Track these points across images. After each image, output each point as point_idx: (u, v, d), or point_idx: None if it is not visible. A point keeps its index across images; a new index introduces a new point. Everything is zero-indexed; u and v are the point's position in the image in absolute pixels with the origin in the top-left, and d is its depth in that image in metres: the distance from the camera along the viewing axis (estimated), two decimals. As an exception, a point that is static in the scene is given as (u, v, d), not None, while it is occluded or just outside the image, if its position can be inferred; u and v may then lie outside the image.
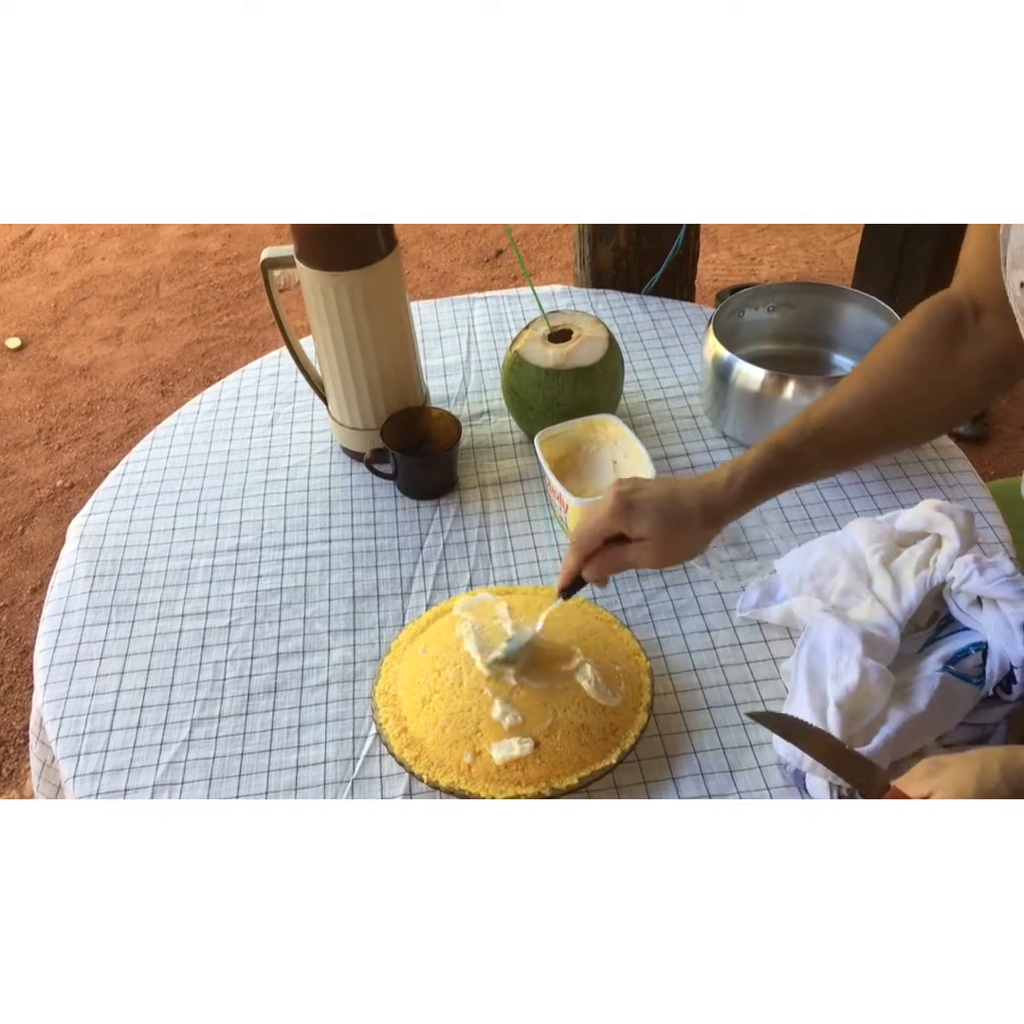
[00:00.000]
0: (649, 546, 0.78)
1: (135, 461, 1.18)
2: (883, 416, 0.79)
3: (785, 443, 0.78)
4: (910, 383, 0.79)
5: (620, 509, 0.77)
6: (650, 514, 0.77)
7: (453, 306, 1.41)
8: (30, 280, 3.08)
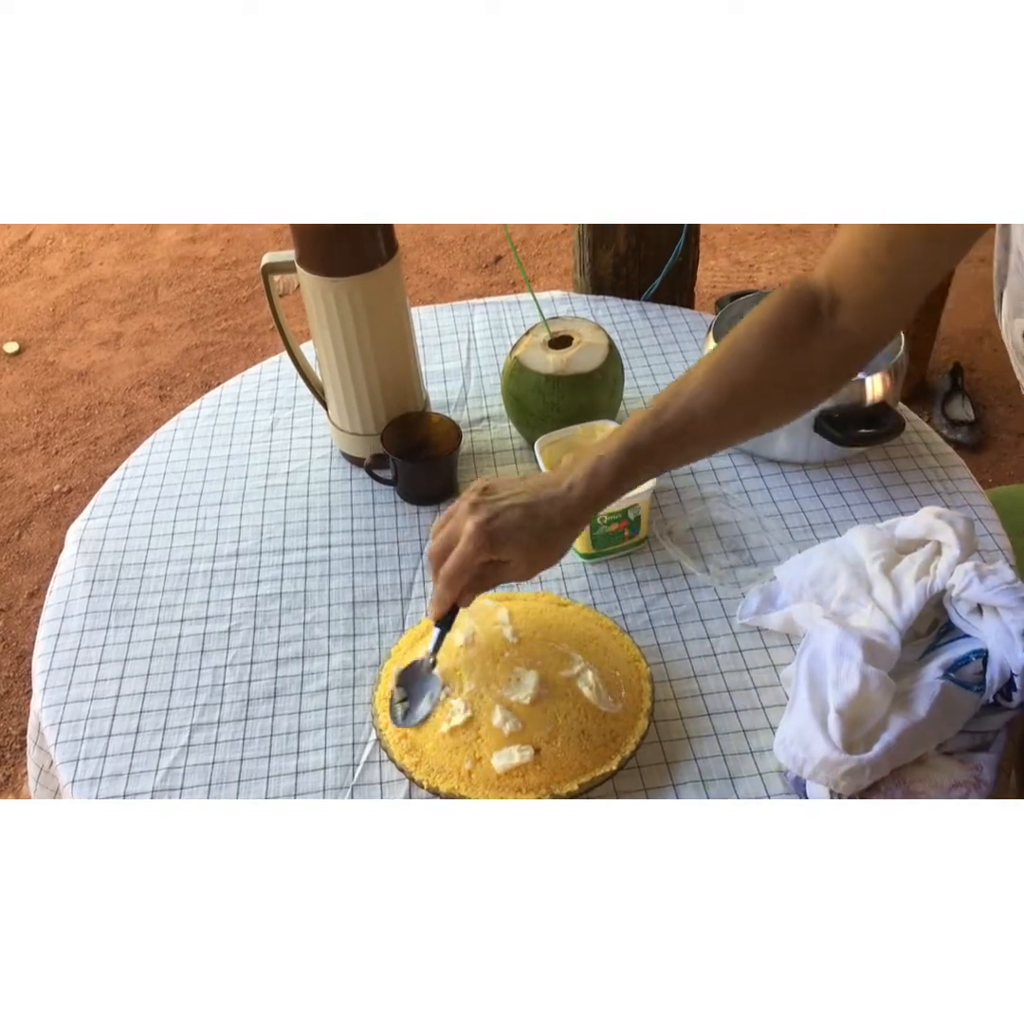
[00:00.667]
0: (518, 565, 0.78)
1: (134, 466, 1.17)
2: (734, 412, 0.79)
3: (641, 444, 0.77)
4: (762, 379, 0.79)
5: (484, 544, 0.75)
6: (515, 539, 0.76)
7: (453, 312, 1.41)
8: (28, 284, 3.08)
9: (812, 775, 0.75)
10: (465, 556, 0.76)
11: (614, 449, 0.77)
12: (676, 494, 1.08)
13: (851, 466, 1.09)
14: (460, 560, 0.76)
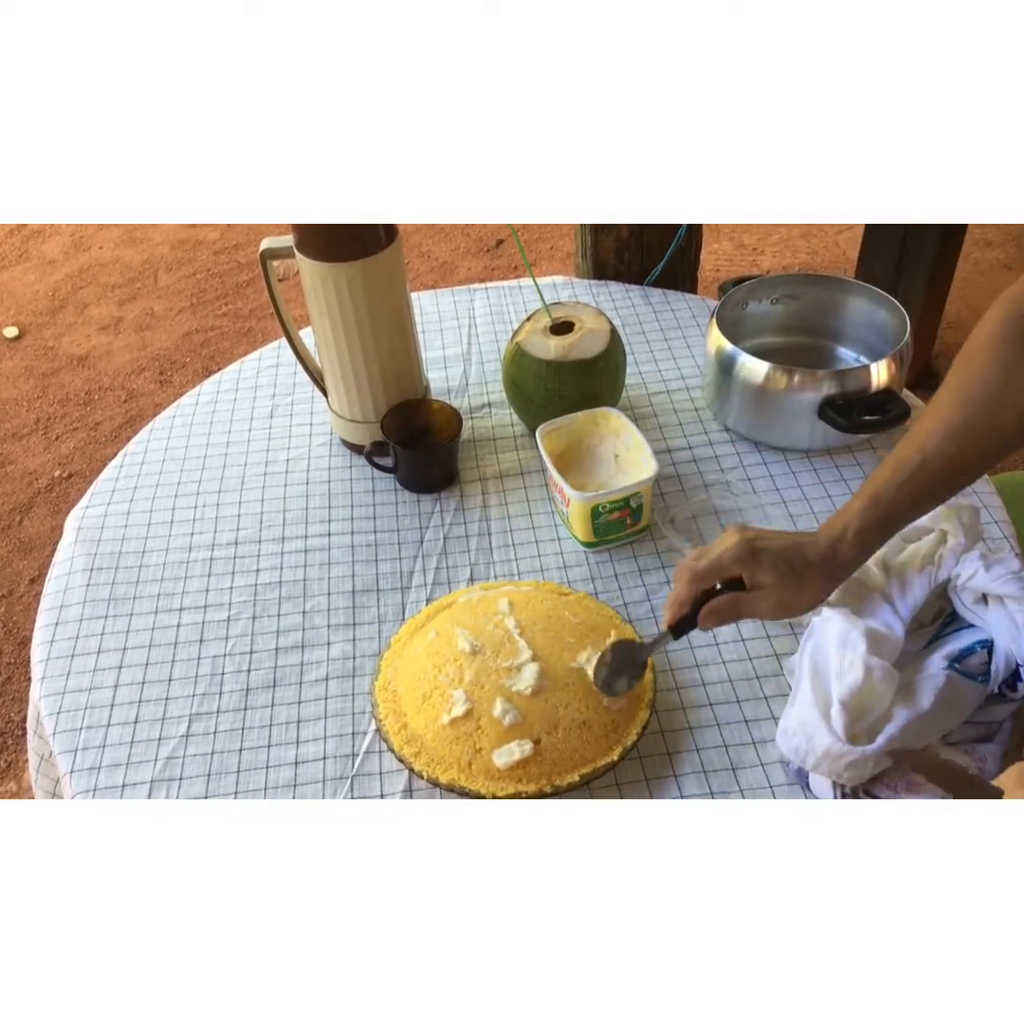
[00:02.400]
0: (769, 595, 0.76)
1: (133, 453, 1.17)
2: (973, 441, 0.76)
3: (883, 496, 0.76)
4: (991, 406, 0.75)
5: (745, 555, 0.75)
6: (775, 563, 0.75)
7: (454, 297, 1.40)
8: (28, 269, 3.06)
9: (815, 766, 0.75)
10: (721, 560, 0.75)
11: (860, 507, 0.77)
12: (678, 481, 1.07)
13: (855, 453, 1.08)
14: (712, 562, 0.76)
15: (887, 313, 1.11)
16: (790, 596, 0.77)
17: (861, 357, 1.17)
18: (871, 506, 0.76)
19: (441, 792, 0.79)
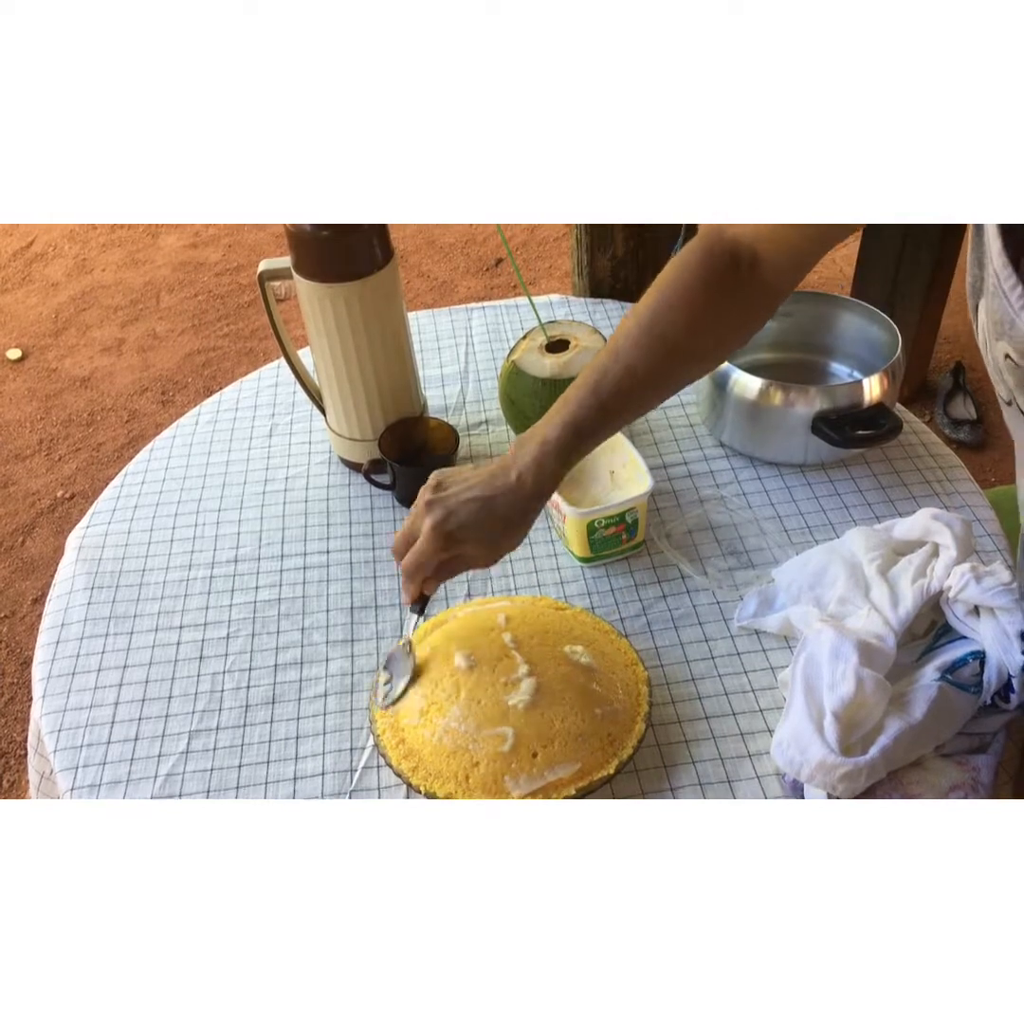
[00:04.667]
0: (477, 556, 0.81)
1: (133, 473, 1.18)
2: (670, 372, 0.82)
3: (584, 423, 0.79)
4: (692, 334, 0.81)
5: (440, 544, 0.78)
6: (471, 536, 0.79)
7: (451, 316, 1.41)
8: (31, 291, 3.09)
9: (809, 778, 0.75)
10: (423, 554, 0.79)
11: (559, 433, 0.78)
12: (674, 497, 1.08)
13: (849, 467, 1.09)
14: (417, 558, 0.79)
15: (879, 329, 1.12)
16: (495, 550, 0.82)
17: (854, 372, 1.18)
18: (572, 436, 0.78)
19: (438, 807, 0.80)
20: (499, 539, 0.81)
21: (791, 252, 0.80)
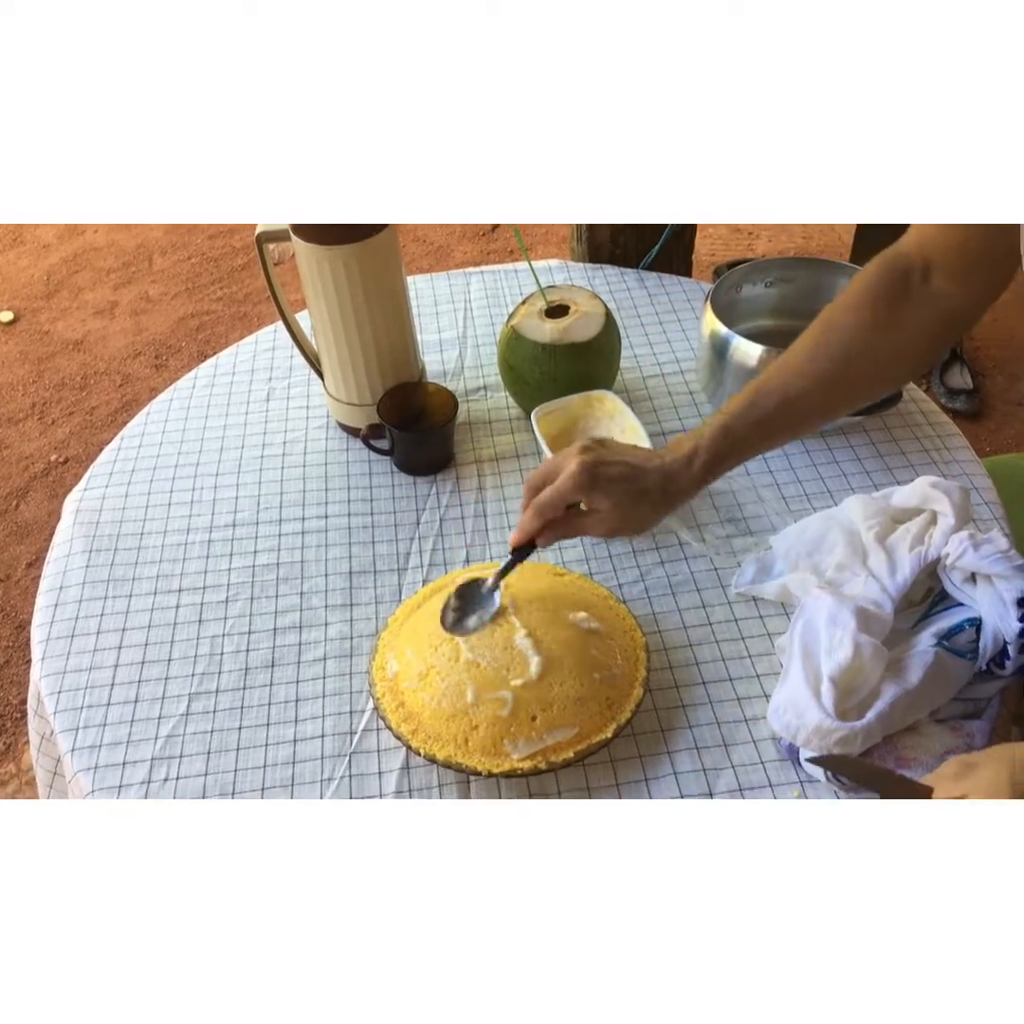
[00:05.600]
0: (605, 519, 0.80)
1: (130, 436, 1.17)
2: (829, 390, 0.81)
3: (735, 429, 0.80)
4: (854, 354, 0.80)
5: (585, 482, 0.78)
6: (612, 490, 0.78)
7: (449, 280, 1.40)
8: (22, 253, 3.06)
9: (805, 742, 0.76)
10: (562, 490, 0.78)
11: (712, 434, 0.79)
12: (673, 464, 1.08)
13: (847, 435, 1.09)
14: (555, 493, 0.79)
15: (880, 296, 1.12)
16: (623, 521, 0.81)
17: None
18: (722, 438, 0.80)
19: (438, 769, 0.81)
20: (634, 509, 0.80)
21: (960, 252, 0.77)
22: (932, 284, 0.79)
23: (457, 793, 0.80)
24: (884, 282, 0.80)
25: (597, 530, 0.82)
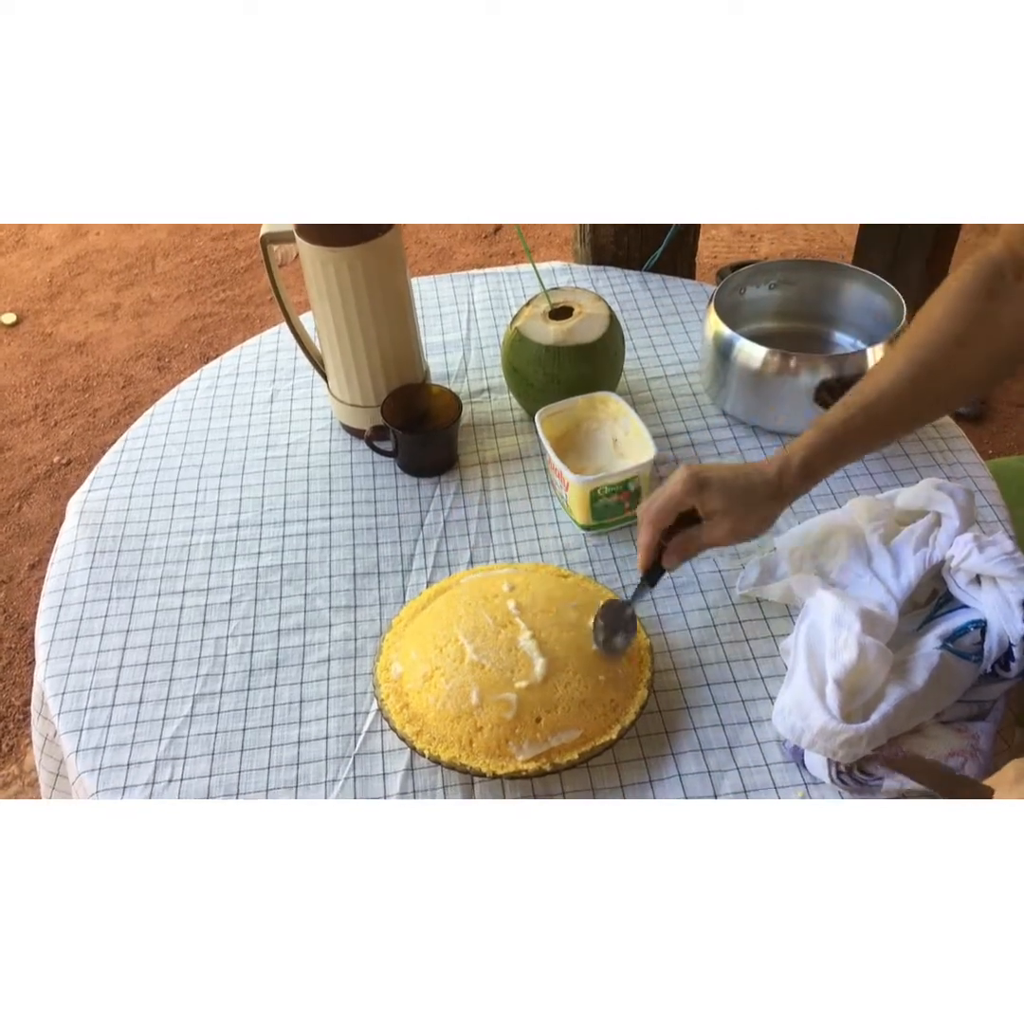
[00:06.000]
0: (722, 521, 0.82)
1: (134, 438, 1.17)
2: (924, 387, 0.81)
3: (832, 425, 0.82)
4: (950, 351, 0.80)
5: (693, 486, 0.81)
6: (721, 490, 0.81)
7: (453, 283, 1.40)
8: (25, 255, 3.06)
9: (810, 744, 0.76)
10: (671, 496, 0.82)
11: (810, 432, 0.82)
12: (676, 466, 1.07)
13: (851, 437, 1.09)
14: (664, 500, 0.82)
15: (883, 298, 1.12)
16: (741, 520, 0.83)
17: (858, 342, 1.17)
18: (821, 436, 0.82)
19: (442, 770, 0.81)
20: (749, 505, 0.82)
21: None
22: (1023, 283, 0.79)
23: (461, 795, 0.80)
24: (977, 279, 0.80)
25: (716, 534, 0.83)
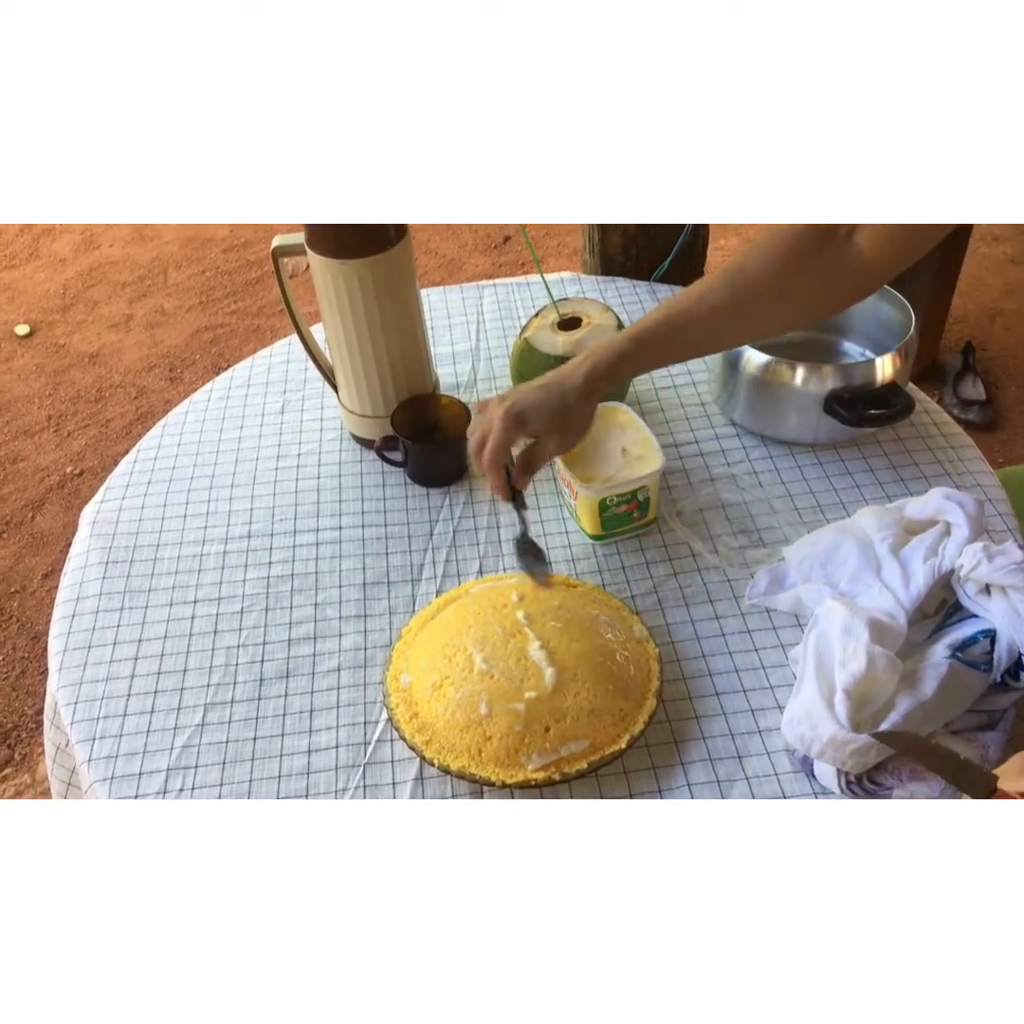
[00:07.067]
0: (551, 437, 0.89)
1: (146, 448, 1.18)
2: (738, 318, 0.88)
3: (643, 336, 0.87)
4: (770, 290, 0.85)
5: (511, 423, 0.87)
6: (540, 414, 0.87)
7: (462, 293, 1.41)
8: (38, 267, 3.09)
9: (820, 754, 0.76)
10: (498, 438, 0.87)
11: (618, 339, 0.88)
12: (685, 475, 1.09)
13: (861, 447, 1.09)
14: (494, 442, 0.87)
15: (892, 308, 1.12)
16: (565, 431, 0.90)
17: (866, 351, 1.18)
18: (629, 343, 0.88)
19: (452, 780, 0.81)
20: (563, 417, 0.88)
21: None
22: (856, 239, 0.83)
23: (471, 804, 0.80)
24: (810, 228, 0.83)
25: (551, 448, 0.90)
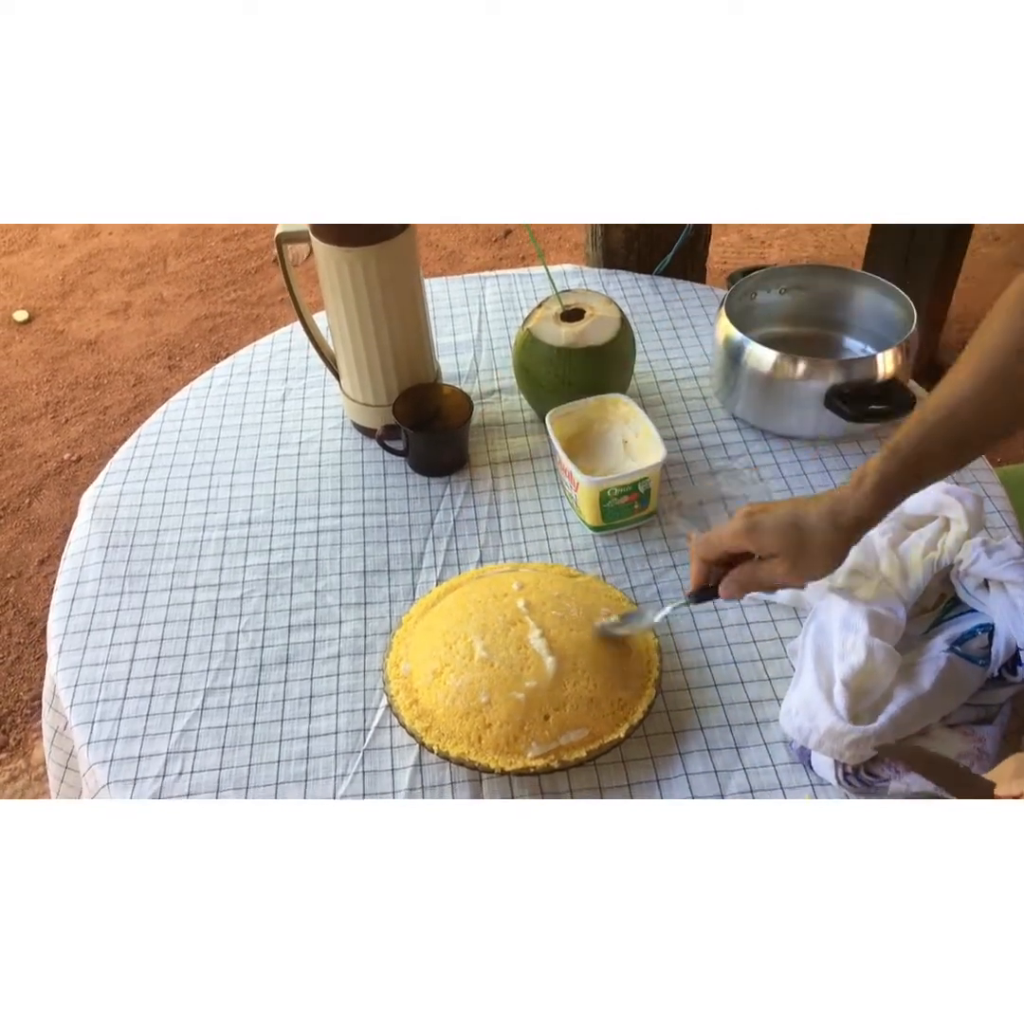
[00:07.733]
0: (781, 560, 0.77)
1: (147, 434, 1.18)
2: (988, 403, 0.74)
3: (903, 447, 0.75)
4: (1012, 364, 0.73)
5: (743, 528, 0.77)
6: (775, 530, 0.76)
7: (464, 284, 1.41)
8: (37, 253, 3.07)
9: (817, 745, 0.76)
10: (720, 535, 0.79)
11: (880, 455, 0.76)
12: (686, 468, 1.09)
13: (861, 442, 1.10)
14: (713, 536, 0.79)
15: (894, 304, 1.12)
16: (800, 558, 0.77)
17: (868, 347, 1.18)
18: (891, 455, 0.75)
19: (451, 766, 0.81)
20: (806, 545, 0.76)
21: None
22: None
23: (469, 790, 0.81)
24: None
25: (778, 572, 0.78)
